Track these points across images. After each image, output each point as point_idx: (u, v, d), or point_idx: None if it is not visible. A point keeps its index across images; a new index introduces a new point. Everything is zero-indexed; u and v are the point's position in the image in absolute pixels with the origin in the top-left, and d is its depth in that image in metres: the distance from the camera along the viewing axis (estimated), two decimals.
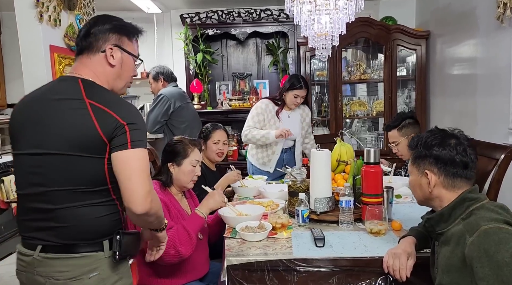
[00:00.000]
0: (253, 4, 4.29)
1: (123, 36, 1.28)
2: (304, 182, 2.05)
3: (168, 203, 1.75)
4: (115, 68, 1.26)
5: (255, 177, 2.92)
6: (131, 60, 1.31)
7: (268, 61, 4.44)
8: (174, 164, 1.85)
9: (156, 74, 3.24)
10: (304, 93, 2.92)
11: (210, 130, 2.54)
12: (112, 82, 1.28)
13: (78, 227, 1.20)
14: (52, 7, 1.75)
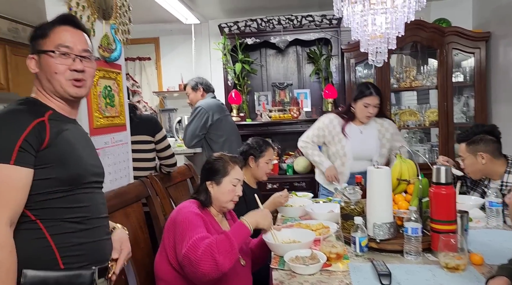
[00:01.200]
0: (294, 11, 4.11)
1: (37, 41, 1.17)
2: (359, 204, 1.81)
3: (206, 220, 1.58)
4: (37, 73, 1.18)
5: (299, 194, 2.70)
6: (45, 58, 1.15)
7: (310, 70, 4.23)
8: (213, 183, 1.69)
9: (195, 84, 3.12)
10: (376, 101, 2.53)
11: (263, 149, 2.33)
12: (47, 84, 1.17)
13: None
14: (86, 16, 1.65)
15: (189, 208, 1.57)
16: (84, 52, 1.18)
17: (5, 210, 1.00)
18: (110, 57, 1.79)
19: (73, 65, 1.15)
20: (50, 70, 1.14)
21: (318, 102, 4.16)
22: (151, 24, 4.38)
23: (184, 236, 1.46)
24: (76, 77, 1.16)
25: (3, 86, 3.65)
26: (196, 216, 1.53)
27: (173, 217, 1.57)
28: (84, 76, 1.18)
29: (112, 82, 1.85)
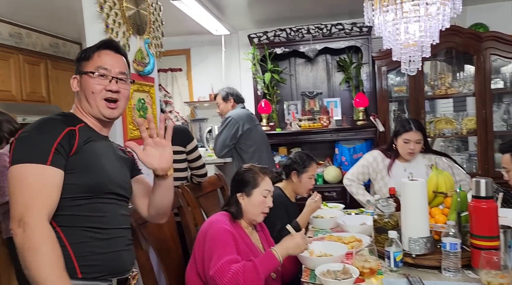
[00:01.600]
0: (323, 19, 4.09)
1: (80, 63, 1.28)
2: (393, 217, 1.75)
3: (236, 236, 1.58)
4: (79, 91, 1.28)
5: (330, 205, 2.66)
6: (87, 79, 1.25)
7: (340, 78, 4.18)
8: (244, 194, 1.69)
9: (226, 94, 3.14)
10: (417, 136, 2.38)
11: (307, 164, 2.27)
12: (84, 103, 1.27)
13: None
14: (122, 32, 1.71)
15: (220, 223, 1.57)
16: (120, 75, 1.26)
17: (44, 206, 1.06)
18: (143, 71, 1.84)
19: (109, 86, 1.23)
20: (88, 89, 1.23)
21: (348, 111, 4.10)
22: (182, 36, 4.49)
23: (213, 254, 1.47)
24: (111, 97, 1.24)
25: (44, 99, 3.84)
26: (226, 233, 1.53)
27: (204, 230, 1.57)
28: (118, 97, 1.26)
29: (146, 95, 1.90)
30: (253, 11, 3.80)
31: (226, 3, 3.50)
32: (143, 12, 1.91)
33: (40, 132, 1.12)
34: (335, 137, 3.90)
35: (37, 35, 3.86)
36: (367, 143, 3.85)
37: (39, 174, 1.06)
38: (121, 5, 1.73)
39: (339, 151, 3.91)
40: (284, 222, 1.78)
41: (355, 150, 3.82)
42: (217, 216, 1.65)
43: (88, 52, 1.26)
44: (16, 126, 2.63)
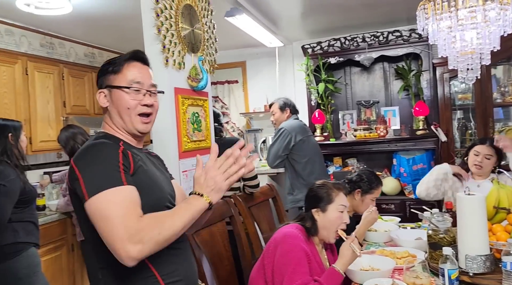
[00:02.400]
0: (379, 27, 4.01)
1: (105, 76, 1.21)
2: (449, 232, 1.67)
3: (310, 254, 1.59)
4: (107, 108, 1.22)
5: (385, 218, 2.59)
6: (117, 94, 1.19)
7: (398, 86, 4.05)
8: (319, 210, 1.69)
9: (283, 104, 3.19)
10: (488, 152, 2.34)
11: (374, 186, 2.24)
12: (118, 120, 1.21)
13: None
14: (177, 51, 1.84)
15: (297, 239, 1.57)
16: (151, 87, 1.22)
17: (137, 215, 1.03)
18: (197, 87, 1.96)
19: (144, 100, 1.19)
20: (123, 105, 1.18)
21: (407, 120, 3.95)
22: (238, 49, 4.64)
23: (285, 272, 1.49)
24: (146, 112, 1.20)
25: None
26: (301, 251, 1.53)
27: (278, 240, 1.58)
28: (152, 110, 1.22)
29: (200, 109, 2.01)
30: (306, 22, 3.83)
31: (280, 16, 3.57)
32: (197, 31, 2.03)
33: (100, 155, 1.09)
34: (393, 147, 3.77)
35: (107, 54, 4.22)
36: (428, 154, 3.67)
37: (121, 194, 1.03)
38: (177, 26, 1.86)
39: (397, 162, 3.77)
40: None
41: (414, 160, 3.66)
42: (292, 228, 1.64)
43: (117, 65, 1.19)
44: (88, 138, 2.90)
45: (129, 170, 1.10)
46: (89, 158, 1.09)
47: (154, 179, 1.20)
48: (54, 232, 2.85)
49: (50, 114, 3.36)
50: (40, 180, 3.50)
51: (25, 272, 2.18)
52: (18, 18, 3.07)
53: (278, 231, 1.66)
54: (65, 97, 3.53)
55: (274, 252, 1.57)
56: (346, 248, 1.57)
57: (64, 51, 3.64)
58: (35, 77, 3.23)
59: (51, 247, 2.83)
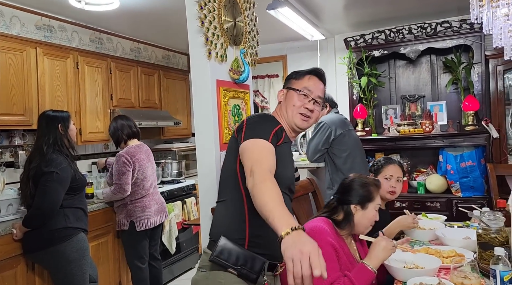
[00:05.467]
0: (427, 18, 3.83)
1: (289, 80, 1.61)
2: (502, 232, 1.58)
3: (338, 249, 1.57)
4: (281, 103, 1.59)
5: (430, 216, 2.49)
6: (291, 94, 1.55)
7: (446, 80, 3.86)
8: (359, 207, 1.66)
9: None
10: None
11: (382, 164, 2.24)
12: (286, 115, 1.55)
13: (215, 222, 1.49)
14: (220, 44, 1.85)
15: (324, 234, 1.56)
16: (318, 98, 1.55)
17: (267, 164, 1.28)
18: (239, 79, 1.97)
19: (307, 104, 1.53)
20: (291, 102, 1.53)
21: (456, 115, 3.76)
22: (279, 43, 4.61)
23: None
24: (305, 113, 1.53)
25: (156, 105, 4.30)
26: (329, 247, 1.52)
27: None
28: (311, 115, 1.54)
29: (241, 101, 2.02)
30: (349, 14, 3.74)
31: (322, 8, 3.51)
32: (239, 24, 2.04)
33: (264, 121, 1.45)
34: (440, 143, 3.61)
35: (152, 49, 4.35)
36: (478, 150, 3.49)
37: (263, 144, 1.34)
38: (220, 19, 1.87)
39: (444, 158, 3.61)
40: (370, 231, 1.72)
41: (462, 157, 3.48)
42: (319, 222, 1.63)
43: (300, 75, 1.58)
44: (134, 130, 3.01)
45: (277, 140, 1.40)
46: (257, 119, 1.47)
47: (290, 160, 1.51)
48: (101, 219, 2.99)
49: (98, 106, 3.52)
50: (88, 169, 3.68)
51: (75, 255, 2.31)
52: (70, 14, 3.22)
53: (305, 225, 1.65)
54: (112, 90, 3.67)
55: None
56: (379, 244, 1.54)
57: (111, 46, 3.79)
58: (85, 71, 3.40)
59: (98, 233, 2.97)
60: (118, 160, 2.86)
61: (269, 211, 1.11)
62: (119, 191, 2.82)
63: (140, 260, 2.95)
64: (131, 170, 2.86)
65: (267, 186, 1.18)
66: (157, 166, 3.93)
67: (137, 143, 3.00)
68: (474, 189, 3.44)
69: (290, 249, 0.97)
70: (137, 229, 2.88)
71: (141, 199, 2.93)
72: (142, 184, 2.94)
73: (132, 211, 2.89)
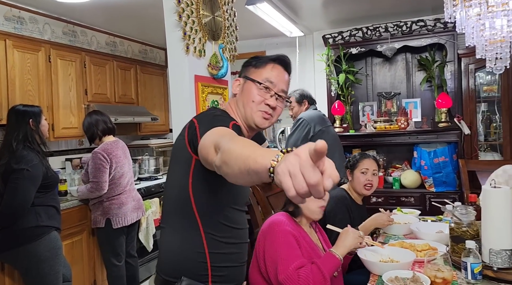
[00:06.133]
0: (402, 16, 3.91)
1: (247, 67, 1.31)
2: (473, 226, 1.63)
3: (298, 236, 1.60)
4: (237, 95, 1.30)
5: (405, 211, 2.55)
6: (249, 86, 1.27)
7: (420, 77, 3.95)
8: None
9: (300, 97, 3.16)
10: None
11: (358, 159, 2.29)
12: (240, 110, 1.29)
13: (166, 256, 1.23)
14: (198, 39, 1.83)
15: (282, 225, 1.59)
16: (281, 92, 1.28)
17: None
18: (217, 74, 1.95)
19: (269, 100, 1.25)
20: (249, 97, 1.25)
21: (429, 112, 3.86)
22: (258, 39, 4.60)
23: (277, 258, 1.51)
24: (267, 111, 1.26)
25: (133, 101, 4.22)
26: (288, 235, 1.55)
27: (265, 231, 1.61)
28: (273, 113, 1.27)
29: (219, 97, 2.01)
30: (328, 11, 3.76)
31: (300, 5, 3.52)
32: (218, 18, 2.02)
33: (217, 116, 1.17)
34: (414, 140, 3.70)
35: (128, 43, 4.26)
36: (450, 147, 3.59)
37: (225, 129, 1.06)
38: (198, 13, 1.85)
39: (418, 154, 3.70)
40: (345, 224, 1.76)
41: (436, 153, 3.58)
42: (277, 216, 1.68)
43: (261, 62, 1.28)
44: (110, 126, 2.93)
45: None
46: (210, 117, 1.17)
47: None
48: (75, 217, 2.92)
49: (72, 101, 3.42)
50: (61, 166, 3.58)
51: (47, 255, 2.25)
52: (41, 5, 3.11)
53: (265, 222, 1.66)
54: (86, 85, 3.58)
55: (263, 244, 1.57)
56: (346, 234, 1.61)
57: (85, 39, 3.69)
58: (57, 64, 3.29)
59: (72, 231, 2.90)
60: (94, 157, 2.79)
61: (246, 157, 0.79)
62: (96, 189, 2.76)
63: (117, 257, 2.90)
64: (108, 167, 2.79)
65: (235, 141, 0.91)
66: (134, 163, 3.86)
67: (113, 139, 2.93)
68: (446, 184, 3.54)
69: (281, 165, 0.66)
70: (113, 227, 2.82)
71: (118, 196, 2.87)
72: (119, 181, 2.88)
73: (108, 208, 2.83)
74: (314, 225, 1.83)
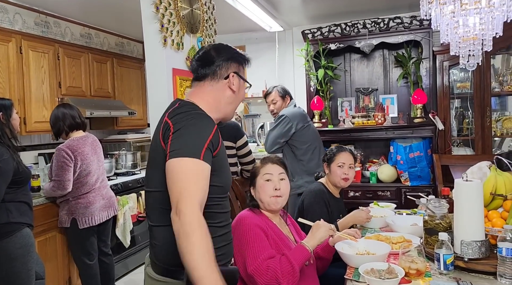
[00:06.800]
0: (380, 13, 3.96)
1: (240, 65, 1.35)
2: (445, 218, 1.68)
3: (265, 228, 1.62)
4: (235, 93, 1.33)
5: (381, 204, 2.60)
6: (243, 86, 1.37)
7: (397, 74, 4.02)
8: (252, 187, 1.76)
9: (284, 92, 3.14)
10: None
11: (334, 153, 2.32)
12: (224, 107, 1.32)
13: (159, 248, 1.23)
14: (176, 31, 1.80)
15: (248, 219, 1.63)
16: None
17: (198, 196, 1.11)
18: None
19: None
20: (241, 97, 1.36)
21: (405, 108, 3.94)
22: (237, 34, 4.58)
23: (246, 250, 1.53)
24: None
25: (110, 95, 4.13)
26: (255, 228, 1.58)
27: (234, 227, 1.60)
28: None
29: None
30: (307, 7, 3.78)
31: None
32: (196, 11, 1.99)
33: (196, 124, 1.17)
34: (391, 135, 3.77)
35: (104, 35, 4.15)
36: (425, 142, 3.68)
37: (192, 167, 1.11)
38: (176, 5, 1.82)
39: (394, 149, 3.78)
40: (323, 218, 1.78)
41: (411, 148, 3.66)
42: (243, 212, 1.71)
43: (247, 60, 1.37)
44: (78, 121, 2.77)
45: (213, 150, 1.20)
46: (186, 123, 1.17)
47: (226, 164, 1.32)
48: (48, 213, 2.83)
49: (45, 94, 3.31)
50: (34, 161, 3.48)
51: (19, 252, 2.18)
52: None
53: (234, 219, 1.68)
54: (60, 77, 3.47)
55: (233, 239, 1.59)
56: (317, 226, 1.64)
57: (59, 31, 3.58)
58: (29, 56, 3.18)
59: (46, 228, 2.82)
60: (57, 154, 2.64)
61: (200, 277, 1.03)
62: (58, 187, 2.63)
63: (88, 256, 2.80)
64: (72, 166, 2.64)
65: (196, 238, 1.05)
66: (111, 158, 3.79)
67: (82, 134, 2.78)
68: (421, 178, 3.63)
69: None
70: (79, 227, 2.70)
71: (84, 195, 2.73)
72: (85, 180, 2.73)
73: (74, 207, 2.70)
74: (285, 217, 1.85)
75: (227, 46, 1.36)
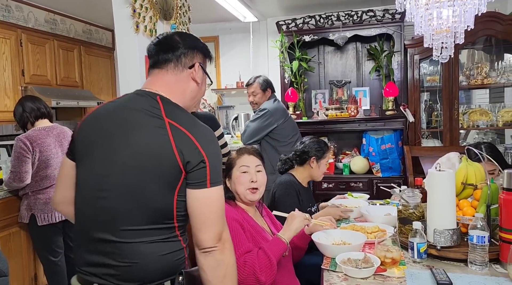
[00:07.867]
0: (353, 6, 3.99)
1: (205, 58, 1.27)
2: (419, 208, 1.71)
3: (242, 221, 1.60)
4: (198, 86, 1.24)
5: (355, 195, 2.63)
6: (205, 81, 1.28)
7: (370, 67, 4.07)
8: (227, 178, 1.73)
9: (265, 84, 3.05)
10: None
11: (325, 150, 2.35)
12: (188, 100, 1.23)
13: (140, 266, 1.08)
14: (148, 17, 1.73)
15: (226, 213, 1.59)
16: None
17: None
18: None
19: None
20: (203, 90, 1.28)
21: (377, 101, 4.00)
22: (211, 23, 4.50)
23: None
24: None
25: (77, 84, 3.96)
26: (233, 222, 1.55)
27: None
28: None
29: None
30: None
31: None
32: None
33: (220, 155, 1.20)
34: (363, 127, 3.83)
35: (71, 22, 3.97)
36: (396, 134, 3.76)
37: (222, 195, 1.17)
38: None
39: (367, 141, 3.84)
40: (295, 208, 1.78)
41: (383, 140, 3.73)
42: None
43: (210, 56, 1.30)
44: (43, 111, 2.64)
45: None
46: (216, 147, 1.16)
47: None
48: (11, 207, 2.69)
49: (7, 83, 3.14)
50: None
51: None
52: None
53: None
54: (23, 65, 3.30)
55: None
56: (292, 218, 1.65)
57: (21, 16, 3.38)
58: None
59: (9, 222, 2.68)
60: (15, 144, 2.51)
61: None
62: (14, 179, 2.50)
63: (52, 253, 2.67)
64: (30, 157, 2.51)
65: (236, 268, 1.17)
66: None
67: (46, 125, 2.64)
68: (392, 169, 3.71)
69: None
70: (38, 223, 2.57)
71: (44, 190, 2.59)
72: (45, 173, 2.58)
73: (33, 203, 2.57)
74: (260, 208, 1.84)
75: (193, 35, 1.28)
